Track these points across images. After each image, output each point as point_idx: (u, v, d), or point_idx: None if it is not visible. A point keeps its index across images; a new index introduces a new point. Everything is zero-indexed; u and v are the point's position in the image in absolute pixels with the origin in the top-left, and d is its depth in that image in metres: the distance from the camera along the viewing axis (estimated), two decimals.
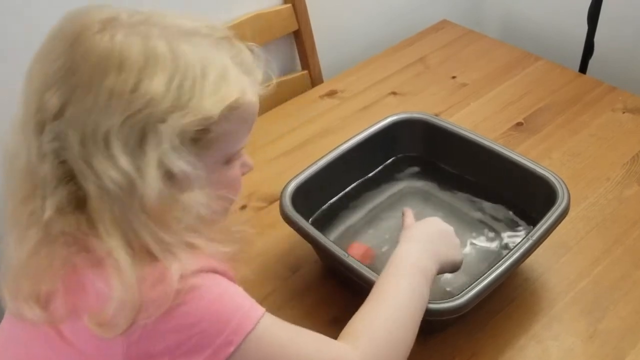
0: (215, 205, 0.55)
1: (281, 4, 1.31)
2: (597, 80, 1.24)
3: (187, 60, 0.52)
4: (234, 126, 0.56)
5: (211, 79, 0.52)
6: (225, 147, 0.57)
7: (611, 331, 0.79)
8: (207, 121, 0.52)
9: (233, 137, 0.57)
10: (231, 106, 0.53)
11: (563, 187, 0.83)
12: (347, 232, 0.92)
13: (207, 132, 0.53)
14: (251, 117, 0.58)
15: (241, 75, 0.56)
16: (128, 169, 0.49)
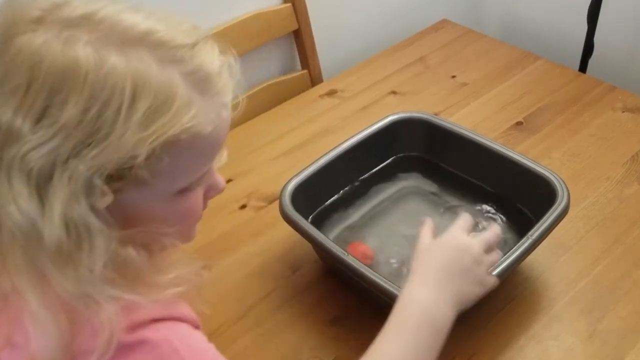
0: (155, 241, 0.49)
1: (281, 3, 1.31)
2: (597, 80, 1.24)
3: (115, 79, 0.42)
4: (180, 160, 0.46)
5: (143, 106, 0.42)
6: (171, 182, 0.48)
7: (611, 331, 0.79)
8: (132, 160, 0.43)
9: (181, 171, 0.47)
10: (168, 142, 0.43)
11: (563, 186, 0.83)
12: (346, 232, 0.92)
13: (136, 169, 0.44)
14: (207, 147, 0.48)
15: (195, 98, 0.45)
16: (28, 208, 0.42)
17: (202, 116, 0.45)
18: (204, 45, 0.48)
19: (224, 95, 0.48)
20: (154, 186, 0.46)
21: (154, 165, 0.44)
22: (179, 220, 0.51)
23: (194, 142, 0.46)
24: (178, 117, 0.44)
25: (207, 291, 0.87)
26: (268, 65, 1.38)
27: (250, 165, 1.11)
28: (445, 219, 0.93)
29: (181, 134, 0.44)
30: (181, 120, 0.44)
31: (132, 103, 0.42)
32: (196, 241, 0.94)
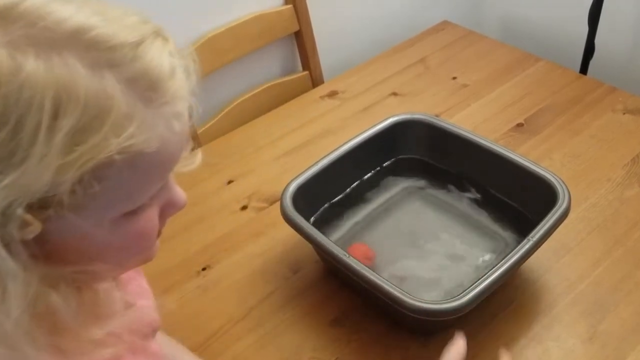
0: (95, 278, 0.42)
1: (282, 4, 1.31)
2: (597, 81, 1.24)
3: (33, 91, 0.34)
4: (119, 183, 0.38)
5: (67, 124, 0.34)
6: (110, 207, 0.40)
7: (612, 332, 0.79)
8: (55, 189, 0.35)
9: (122, 194, 0.40)
10: (101, 165, 0.36)
11: (564, 188, 0.83)
12: (347, 233, 0.92)
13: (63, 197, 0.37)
14: (154, 166, 0.40)
15: (137, 110, 0.37)
16: None
17: (145, 132, 0.37)
18: (152, 44, 0.39)
19: (176, 103, 0.40)
20: (91, 213, 0.39)
21: (84, 192, 0.37)
22: (128, 247, 0.44)
23: (136, 162, 0.38)
24: (113, 136, 0.36)
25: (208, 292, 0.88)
26: (269, 66, 1.38)
27: (251, 166, 1.11)
28: (445, 220, 0.93)
29: (117, 155, 0.36)
30: (116, 140, 0.36)
31: (54, 120, 0.34)
32: (197, 242, 0.96)
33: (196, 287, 0.89)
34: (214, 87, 1.28)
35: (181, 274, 0.91)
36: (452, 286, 0.82)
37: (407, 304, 0.70)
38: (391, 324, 0.81)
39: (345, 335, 0.80)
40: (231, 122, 1.27)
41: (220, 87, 1.30)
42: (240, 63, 1.28)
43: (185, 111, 0.41)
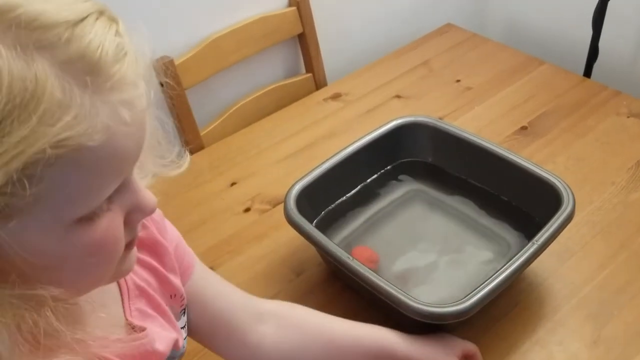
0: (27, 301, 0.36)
1: (286, 6, 1.32)
2: (601, 85, 1.24)
3: None
4: (61, 182, 0.34)
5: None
6: (56, 212, 0.35)
7: (616, 337, 0.78)
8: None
9: (68, 196, 0.34)
10: (34, 162, 0.32)
11: (568, 191, 0.82)
12: (351, 235, 0.92)
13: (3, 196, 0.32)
14: (106, 162, 0.35)
15: (74, 97, 0.33)
16: None
17: (85, 122, 0.33)
18: (93, 24, 0.34)
19: (123, 89, 0.35)
20: (35, 219, 0.34)
21: (20, 194, 0.32)
22: (86, 259, 0.38)
23: (78, 157, 0.33)
24: (45, 126, 0.31)
25: None
26: (272, 68, 1.38)
27: (254, 168, 1.11)
28: (448, 223, 0.93)
29: (52, 149, 0.31)
30: (50, 130, 0.31)
31: None
32: (200, 244, 0.96)
33: None
34: (218, 89, 1.28)
35: None
36: (456, 289, 0.82)
37: (410, 307, 0.70)
38: (394, 327, 0.80)
39: None
40: (234, 124, 1.27)
41: (224, 89, 1.30)
42: (243, 65, 1.29)
43: (137, 98, 0.36)
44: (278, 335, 0.67)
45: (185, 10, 1.16)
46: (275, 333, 0.67)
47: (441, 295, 0.82)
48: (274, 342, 0.67)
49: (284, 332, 0.68)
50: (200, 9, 1.19)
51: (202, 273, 0.64)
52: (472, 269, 0.87)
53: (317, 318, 0.71)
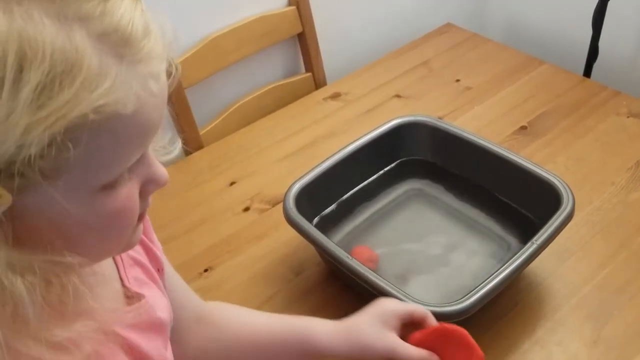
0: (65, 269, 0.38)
1: (286, 6, 1.31)
2: (601, 85, 1.24)
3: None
4: (95, 148, 0.36)
5: (34, 78, 0.32)
6: (87, 176, 0.37)
7: (616, 337, 0.78)
8: (25, 151, 0.33)
9: (99, 162, 0.37)
10: (74, 125, 0.34)
11: (568, 191, 0.82)
12: (350, 235, 0.92)
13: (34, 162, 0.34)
14: (135, 131, 0.37)
15: (110, 67, 0.35)
16: None
17: (120, 90, 0.35)
18: (122, 1, 0.37)
19: (151, 62, 0.37)
20: (66, 182, 0.36)
21: (57, 156, 0.34)
22: (107, 227, 0.40)
23: (112, 125, 0.35)
24: (85, 92, 0.33)
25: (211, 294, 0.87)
26: (272, 67, 1.38)
27: (254, 167, 1.11)
28: (448, 223, 0.93)
29: (91, 115, 0.34)
30: (90, 96, 0.34)
31: (19, 75, 0.32)
32: (199, 244, 0.96)
33: (198, 288, 0.88)
34: (217, 88, 1.28)
35: (183, 276, 0.89)
36: (455, 289, 0.82)
37: None
38: None
39: None
40: (234, 123, 1.27)
41: (223, 88, 1.29)
42: (243, 64, 1.28)
43: (162, 73, 0.39)
44: (205, 338, 0.65)
45: (185, 9, 1.16)
46: (204, 335, 0.66)
47: (441, 294, 0.82)
48: (199, 342, 0.65)
49: (210, 334, 0.66)
50: (199, 8, 1.19)
51: (170, 270, 0.63)
52: (471, 268, 0.87)
53: (239, 318, 0.68)
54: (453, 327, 0.61)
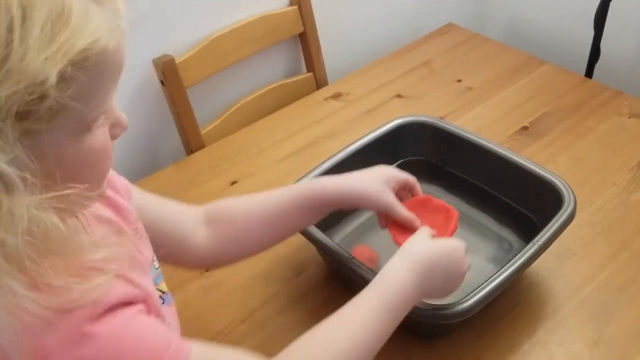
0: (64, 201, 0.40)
1: (287, 6, 1.31)
2: (603, 85, 1.24)
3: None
4: (85, 84, 0.39)
5: (39, 20, 0.35)
6: (77, 114, 0.40)
7: (617, 337, 0.78)
8: (39, 87, 0.36)
9: (86, 98, 0.40)
10: (75, 60, 0.37)
11: (569, 192, 0.82)
12: (351, 235, 0.92)
13: (40, 101, 0.37)
14: (113, 66, 0.41)
15: (91, 7, 0.39)
16: None
17: (104, 28, 0.39)
18: None
19: (118, 3, 0.42)
20: (67, 122, 0.39)
21: (63, 94, 0.37)
22: (92, 166, 0.44)
23: (101, 61, 0.39)
24: (81, 30, 0.37)
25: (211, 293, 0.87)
26: (273, 67, 1.38)
27: (255, 167, 1.11)
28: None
29: (87, 51, 0.37)
30: (84, 33, 0.37)
31: (25, 17, 0.35)
32: None
33: (199, 288, 0.89)
34: (218, 88, 1.28)
35: (184, 275, 0.90)
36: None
37: None
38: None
39: None
40: (235, 123, 1.27)
41: (224, 88, 1.29)
42: (244, 64, 1.28)
43: (123, 11, 0.42)
44: (215, 232, 0.69)
45: (185, 9, 1.16)
46: (213, 231, 0.69)
47: None
48: (215, 240, 0.69)
49: (220, 226, 0.70)
50: (201, 8, 1.19)
51: (139, 193, 0.65)
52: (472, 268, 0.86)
53: (245, 202, 0.72)
54: (433, 198, 0.74)
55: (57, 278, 0.39)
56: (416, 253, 0.63)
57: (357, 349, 0.56)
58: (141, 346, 0.43)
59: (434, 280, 0.63)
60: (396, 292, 0.59)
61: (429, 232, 0.68)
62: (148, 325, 0.45)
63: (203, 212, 0.71)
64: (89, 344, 0.41)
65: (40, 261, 0.38)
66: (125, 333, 0.43)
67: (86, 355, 0.41)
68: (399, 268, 0.62)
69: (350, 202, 0.72)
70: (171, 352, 0.44)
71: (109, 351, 0.42)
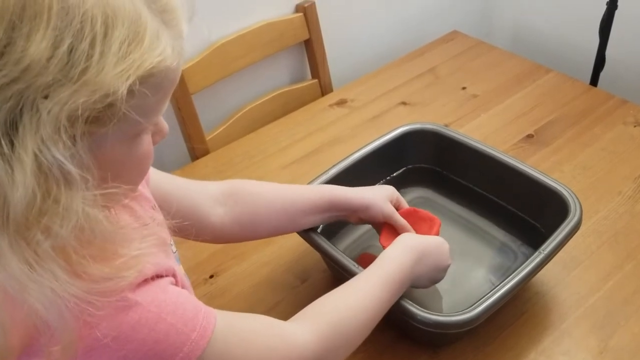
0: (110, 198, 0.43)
1: (293, 12, 1.32)
2: (608, 94, 1.24)
3: (85, 10, 0.37)
4: (146, 98, 0.42)
5: (118, 38, 0.39)
6: (134, 123, 0.43)
7: (622, 347, 0.78)
8: (107, 99, 0.39)
9: (144, 110, 0.43)
10: (142, 76, 0.40)
11: (575, 200, 0.82)
12: (356, 242, 0.92)
13: (107, 109, 0.40)
14: (171, 84, 0.45)
15: (161, 29, 0.42)
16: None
17: (169, 49, 0.42)
18: None
19: (180, 24, 0.45)
20: (125, 128, 0.43)
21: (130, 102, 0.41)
22: (137, 168, 0.48)
23: (163, 78, 0.43)
24: (150, 50, 0.40)
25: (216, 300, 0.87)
26: (279, 73, 1.38)
27: (260, 173, 1.11)
28: (454, 231, 0.93)
29: (154, 69, 0.41)
30: (153, 53, 0.41)
31: (106, 34, 0.38)
32: (205, 249, 0.96)
33: (204, 294, 0.89)
34: (224, 94, 1.28)
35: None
36: (461, 298, 0.82)
37: (416, 315, 0.70)
38: (399, 336, 0.80)
39: None
40: (240, 129, 1.27)
41: (230, 94, 1.30)
42: (250, 70, 1.29)
43: (184, 33, 0.45)
44: (234, 214, 0.75)
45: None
46: (232, 212, 0.75)
47: (446, 303, 0.82)
48: (233, 220, 0.75)
49: (240, 209, 0.76)
50: (207, 15, 1.19)
51: (155, 174, 0.68)
52: (478, 277, 0.86)
53: (268, 192, 0.79)
54: (419, 209, 0.85)
55: (95, 267, 0.42)
56: (410, 242, 0.74)
57: (367, 313, 0.65)
58: (178, 311, 0.48)
59: (424, 267, 0.73)
60: (394, 271, 0.69)
61: (413, 233, 0.81)
62: (179, 292, 0.50)
63: (223, 190, 0.76)
64: (132, 309, 0.45)
65: (83, 252, 0.41)
66: (163, 298, 0.47)
67: (130, 319, 0.45)
68: (398, 253, 0.72)
69: (359, 210, 0.81)
70: (202, 314, 0.49)
71: (150, 314, 0.46)
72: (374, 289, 0.66)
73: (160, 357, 0.46)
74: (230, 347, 0.52)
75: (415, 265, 0.72)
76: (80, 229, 0.40)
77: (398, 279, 0.69)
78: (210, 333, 0.49)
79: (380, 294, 0.66)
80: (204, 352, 0.48)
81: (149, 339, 0.45)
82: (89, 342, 0.43)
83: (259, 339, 0.56)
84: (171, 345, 0.47)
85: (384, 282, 0.67)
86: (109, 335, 0.43)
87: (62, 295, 0.40)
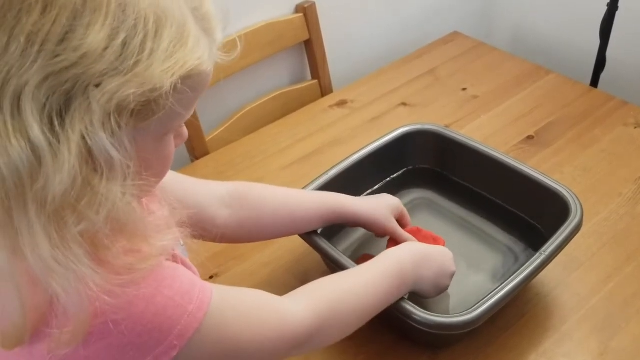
0: (141, 190, 0.45)
1: (293, 13, 1.32)
2: (608, 95, 1.24)
3: (140, 9, 0.40)
4: (181, 98, 0.44)
5: (167, 38, 0.42)
6: (167, 121, 0.46)
7: (623, 349, 0.78)
8: (152, 93, 0.41)
9: (177, 110, 0.45)
10: (183, 75, 0.43)
11: (576, 202, 0.82)
12: (356, 243, 0.92)
13: (148, 104, 0.42)
14: (203, 87, 0.48)
15: (201, 35, 0.45)
16: (39, 140, 0.38)
17: (206, 54, 0.45)
18: None
19: (216, 33, 0.47)
20: (160, 123, 0.44)
21: (165, 100, 0.43)
22: (162, 164, 0.50)
23: (198, 79, 0.45)
24: (192, 52, 0.43)
25: None
26: (279, 74, 1.38)
27: (260, 174, 1.10)
28: (455, 232, 0.92)
29: (193, 70, 0.43)
30: (194, 55, 0.43)
31: (157, 33, 0.41)
32: (205, 250, 0.95)
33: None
34: (223, 95, 1.28)
35: None
36: (461, 299, 0.81)
37: (416, 317, 0.70)
38: (399, 337, 0.80)
39: (352, 348, 0.79)
40: (240, 130, 1.27)
41: (230, 95, 1.30)
42: (249, 71, 1.29)
43: (216, 52, 0.48)
44: (239, 217, 0.76)
45: None
46: (237, 215, 0.76)
47: (446, 305, 0.82)
48: (237, 223, 0.76)
49: (246, 214, 0.77)
50: None
51: None
52: (478, 279, 0.86)
53: (274, 199, 0.80)
54: (422, 229, 0.85)
55: (120, 258, 0.44)
56: (412, 244, 0.77)
57: (365, 299, 0.66)
58: (174, 284, 0.48)
59: (427, 271, 0.73)
60: (395, 266, 0.70)
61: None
62: (175, 266, 0.51)
63: (229, 192, 0.77)
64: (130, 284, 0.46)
65: (113, 241, 0.43)
66: (159, 272, 0.48)
67: (129, 294, 0.45)
68: (400, 252, 0.73)
69: (361, 223, 0.83)
70: (198, 288, 0.50)
71: (148, 288, 0.46)
72: (375, 278, 0.68)
73: (159, 330, 0.46)
74: (227, 320, 0.52)
75: (417, 265, 0.72)
76: (114, 217, 0.42)
77: (398, 274, 0.70)
78: (207, 306, 0.50)
79: (381, 283, 0.68)
80: (201, 324, 0.49)
81: (147, 313, 0.46)
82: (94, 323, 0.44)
83: (255, 312, 0.57)
84: (169, 318, 0.47)
85: (383, 273, 0.69)
86: (108, 311, 0.44)
87: (85, 282, 0.41)
